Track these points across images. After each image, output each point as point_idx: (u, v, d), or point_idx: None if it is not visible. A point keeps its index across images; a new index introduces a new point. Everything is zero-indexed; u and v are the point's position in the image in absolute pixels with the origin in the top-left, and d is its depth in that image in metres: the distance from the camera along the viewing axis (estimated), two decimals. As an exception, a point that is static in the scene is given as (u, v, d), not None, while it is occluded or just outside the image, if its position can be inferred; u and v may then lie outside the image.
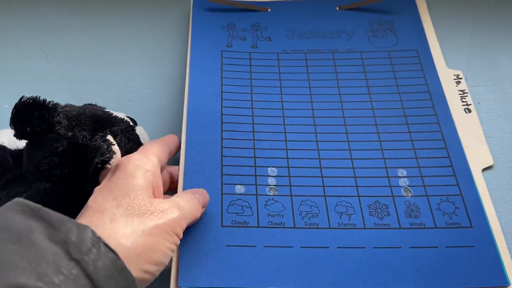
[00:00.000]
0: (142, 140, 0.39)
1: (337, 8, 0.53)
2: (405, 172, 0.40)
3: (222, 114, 0.43)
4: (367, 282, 0.34)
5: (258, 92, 0.45)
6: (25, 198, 0.32)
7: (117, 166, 0.32)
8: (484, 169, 0.42)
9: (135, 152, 0.34)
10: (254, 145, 0.42)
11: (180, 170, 0.39)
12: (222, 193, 0.38)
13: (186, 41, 0.53)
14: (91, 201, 0.30)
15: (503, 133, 0.46)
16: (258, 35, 0.50)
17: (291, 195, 0.39)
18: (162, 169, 0.36)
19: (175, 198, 0.33)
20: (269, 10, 0.53)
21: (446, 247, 0.36)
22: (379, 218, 0.38)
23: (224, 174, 0.39)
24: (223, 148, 0.41)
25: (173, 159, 0.44)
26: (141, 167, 0.32)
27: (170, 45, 0.53)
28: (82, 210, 0.30)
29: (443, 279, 0.34)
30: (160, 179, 0.34)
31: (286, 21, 0.52)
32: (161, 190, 0.34)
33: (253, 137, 0.42)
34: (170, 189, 0.39)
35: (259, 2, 0.53)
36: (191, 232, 0.36)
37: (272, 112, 0.44)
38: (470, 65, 0.51)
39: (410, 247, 0.36)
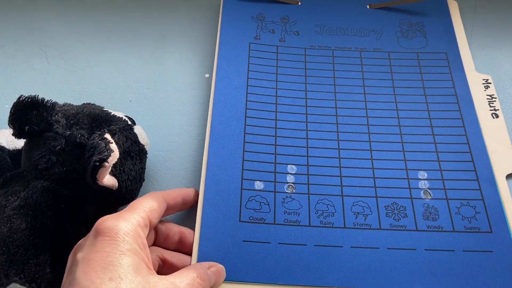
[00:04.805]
0: (140, 139, 0.38)
1: (368, 7, 0.53)
2: (425, 174, 0.40)
3: (246, 108, 0.44)
4: (379, 281, 0.35)
5: (283, 87, 0.46)
6: (23, 196, 0.33)
7: (104, 232, 0.29)
8: (508, 175, 0.41)
9: (125, 211, 0.31)
10: (275, 142, 0.42)
11: (203, 164, 0.40)
12: (242, 188, 0.39)
13: (187, 40, 0.53)
14: (82, 277, 0.27)
15: None
16: (286, 29, 0.50)
17: (308, 194, 0.39)
18: (151, 227, 0.33)
19: (175, 279, 0.30)
20: (299, 3, 0.53)
21: (463, 251, 0.36)
22: (395, 219, 0.38)
23: (245, 169, 0.40)
24: (245, 143, 0.42)
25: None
26: (130, 242, 0.29)
27: (170, 45, 0.53)
28: (70, 282, 0.27)
29: (459, 283, 0.35)
30: (147, 249, 0.31)
31: (316, 16, 0.52)
32: (150, 260, 0.31)
33: (275, 133, 0.42)
34: (182, 252, 0.37)
35: (290, -6, 0.53)
36: (211, 225, 0.37)
37: (295, 109, 0.44)
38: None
39: (425, 250, 0.36)
